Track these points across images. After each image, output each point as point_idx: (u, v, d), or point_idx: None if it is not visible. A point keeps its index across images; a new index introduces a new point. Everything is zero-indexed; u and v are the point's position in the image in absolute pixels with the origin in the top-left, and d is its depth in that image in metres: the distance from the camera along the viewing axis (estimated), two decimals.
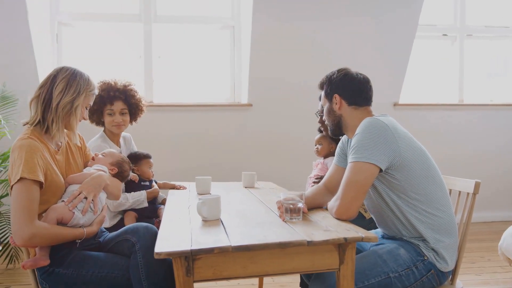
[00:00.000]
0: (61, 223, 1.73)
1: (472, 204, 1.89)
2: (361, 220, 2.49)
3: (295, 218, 1.73)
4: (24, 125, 1.87)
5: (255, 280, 3.08)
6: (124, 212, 2.52)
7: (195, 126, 4.45)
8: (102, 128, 2.66)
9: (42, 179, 1.68)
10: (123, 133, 2.74)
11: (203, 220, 1.76)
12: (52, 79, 1.85)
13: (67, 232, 1.74)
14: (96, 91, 1.99)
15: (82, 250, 1.79)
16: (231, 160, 4.46)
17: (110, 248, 1.84)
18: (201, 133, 4.45)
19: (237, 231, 1.58)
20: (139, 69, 4.49)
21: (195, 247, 1.39)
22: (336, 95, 1.95)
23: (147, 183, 2.63)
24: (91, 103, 1.97)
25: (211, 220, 1.75)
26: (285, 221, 1.71)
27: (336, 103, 1.96)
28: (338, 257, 1.50)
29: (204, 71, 4.68)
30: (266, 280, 3.12)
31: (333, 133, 2.02)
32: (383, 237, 1.94)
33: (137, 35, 4.49)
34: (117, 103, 2.55)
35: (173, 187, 2.75)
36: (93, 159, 2.06)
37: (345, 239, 1.45)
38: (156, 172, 4.02)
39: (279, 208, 1.78)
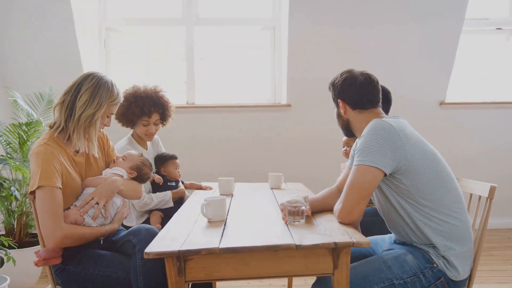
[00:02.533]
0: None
1: (487, 210, 1.78)
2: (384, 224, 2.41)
3: (297, 221, 1.71)
4: (48, 126, 1.95)
5: (285, 281, 3.08)
6: (150, 212, 2.60)
7: (235, 126, 4.50)
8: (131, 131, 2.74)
9: (59, 184, 1.76)
10: None
11: (208, 221, 1.79)
12: (77, 87, 1.89)
13: (92, 232, 1.83)
14: (121, 99, 2.02)
15: (95, 249, 1.87)
16: (269, 160, 4.47)
17: (118, 247, 1.91)
18: (241, 134, 4.49)
19: (234, 233, 1.60)
20: (182, 71, 4.61)
21: (186, 247, 1.42)
22: (340, 100, 1.94)
23: (173, 184, 2.69)
24: (114, 112, 2.01)
25: (215, 221, 1.78)
26: (287, 224, 1.71)
27: (341, 108, 1.93)
28: (332, 261, 1.48)
29: (245, 72, 4.72)
30: (296, 281, 3.10)
31: (346, 135, 2.00)
32: (395, 242, 1.88)
33: (179, 38, 4.61)
34: (154, 115, 2.63)
35: (200, 188, 2.80)
36: (114, 161, 2.14)
37: (335, 243, 1.42)
38: (196, 172, 4.14)
39: (282, 210, 1.77)
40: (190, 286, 2.66)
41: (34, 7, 3.82)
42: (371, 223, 2.23)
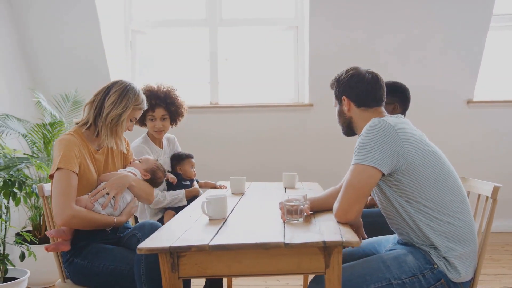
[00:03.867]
0: None
1: (491, 210, 1.73)
2: None
3: (295, 220, 1.72)
4: (75, 123, 2.10)
5: (301, 280, 3.07)
6: (165, 210, 2.66)
7: (258, 126, 4.52)
8: (146, 130, 2.81)
9: (76, 170, 1.88)
10: (167, 135, 2.88)
11: (209, 219, 1.82)
12: (107, 89, 2.06)
13: (100, 218, 1.92)
14: (145, 106, 2.15)
15: (101, 243, 1.94)
16: (292, 160, 4.47)
17: (124, 242, 1.97)
18: (264, 133, 4.51)
19: (229, 231, 1.62)
20: (206, 72, 4.67)
21: (178, 244, 1.45)
22: (344, 97, 1.90)
23: (188, 183, 2.74)
24: (137, 117, 2.13)
25: (216, 219, 1.81)
26: (285, 222, 1.72)
27: (345, 105, 1.91)
28: (323, 260, 1.47)
29: (268, 72, 4.74)
30: None
31: (345, 134, 1.98)
32: (398, 242, 1.86)
33: (203, 39, 4.67)
34: (158, 109, 2.68)
35: (214, 187, 2.84)
36: (130, 163, 2.23)
37: (324, 242, 1.42)
38: (220, 171, 4.19)
39: (281, 209, 1.78)
40: (205, 284, 2.71)
41: (61, 10, 3.96)
42: (378, 224, 2.21)
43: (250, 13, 4.66)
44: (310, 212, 1.85)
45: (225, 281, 2.96)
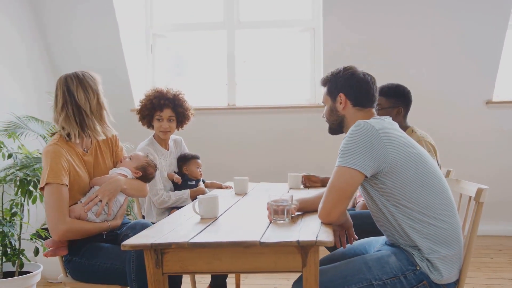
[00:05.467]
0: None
1: (475, 213, 1.73)
2: None
3: (281, 220, 1.76)
4: (50, 135, 2.13)
5: None
6: (171, 210, 2.74)
7: (275, 127, 4.57)
8: (153, 132, 2.90)
9: (66, 182, 1.93)
10: (174, 136, 2.97)
11: (201, 218, 1.89)
12: (68, 95, 2.01)
13: (94, 227, 2.00)
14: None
15: (99, 242, 2.04)
16: (309, 160, 4.50)
17: (120, 240, 2.05)
18: (281, 134, 4.55)
19: (214, 229, 1.68)
20: (223, 73, 4.75)
21: (160, 241, 1.53)
22: (342, 94, 1.91)
23: (194, 183, 2.82)
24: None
25: (207, 218, 1.88)
26: (271, 222, 1.76)
27: (340, 103, 1.91)
28: (301, 259, 1.52)
29: (285, 73, 4.78)
30: None
31: (332, 132, 2.00)
32: (385, 243, 1.88)
33: (221, 41, 4.75)
34: (166, 110, 2.76)
35: (220, 187, 2.91)
36: (120, 161, 2.28)
37: (298, 242, 1.46)
38: (236, 172, 4.25)
39: (268, 209, 1.82)
40: (210, 283, 2.78)
41: (80, 14, 4.12)
42: (370, 225, 2.21)
43: (267, 16, 4.72)
44: (299, 213, 1.89)
45: (233, 281, 3.03)
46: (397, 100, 2.60)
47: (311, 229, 1.60)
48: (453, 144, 4.28)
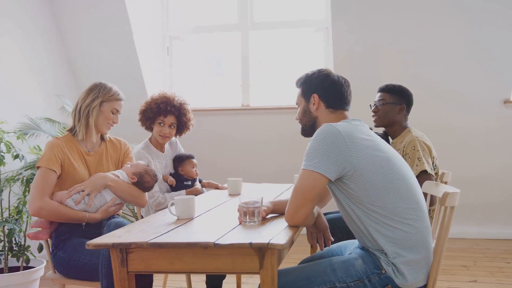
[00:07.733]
0: None
1: (443, 217, 1.70)
2: None
3: (251, 221, 1.78)
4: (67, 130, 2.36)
5: None
6: None
7: (289, 127, 4.55)
8: (149, 135, 2.97)
9: (55, 168, 2.12)
10: None
11: (177, 218, 1.94)
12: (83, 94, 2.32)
13: (69, 212, 2.13)
14: (122, 97, 2.36)
15: (83, 237, 2.12)
16: None
17: None
18: (295, 135, 4.53)
19: (182, 230, 1.73)
20: (237, 74, 4.80)
21: (121, 241, 1.58)
22: (315, 95, 1.92)
23: (189, 183, 2.88)
24: (118, 108, 2.34)
25: (182, 219, 1.92)
26: (241, 224, 1.79)
27: (313, 103, 1.92)
28: (258, 261, 1.54)
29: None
30: None
31: (305, 134, 2.00)
32: (358, 246, 1.87)
33: (236, 43, 4.80)
34: (170, 116, 2.81)
35: (217, 187, 2.95)
36: (122, 167, 2.40)
37: (250, 244, 1.49)
38: (249, 173, 4.29)
39: (238, 211, 1.85)
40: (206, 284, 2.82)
41: (94, 19, 4.26)
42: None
43: (281, 16, 4.73)
44: (273, 215, 1.90)
45: (234, 280, 3.08)
46: (401, 98, 2.63)
47: (271, 232, 1.62)
48: (471, 144, 4.19)
